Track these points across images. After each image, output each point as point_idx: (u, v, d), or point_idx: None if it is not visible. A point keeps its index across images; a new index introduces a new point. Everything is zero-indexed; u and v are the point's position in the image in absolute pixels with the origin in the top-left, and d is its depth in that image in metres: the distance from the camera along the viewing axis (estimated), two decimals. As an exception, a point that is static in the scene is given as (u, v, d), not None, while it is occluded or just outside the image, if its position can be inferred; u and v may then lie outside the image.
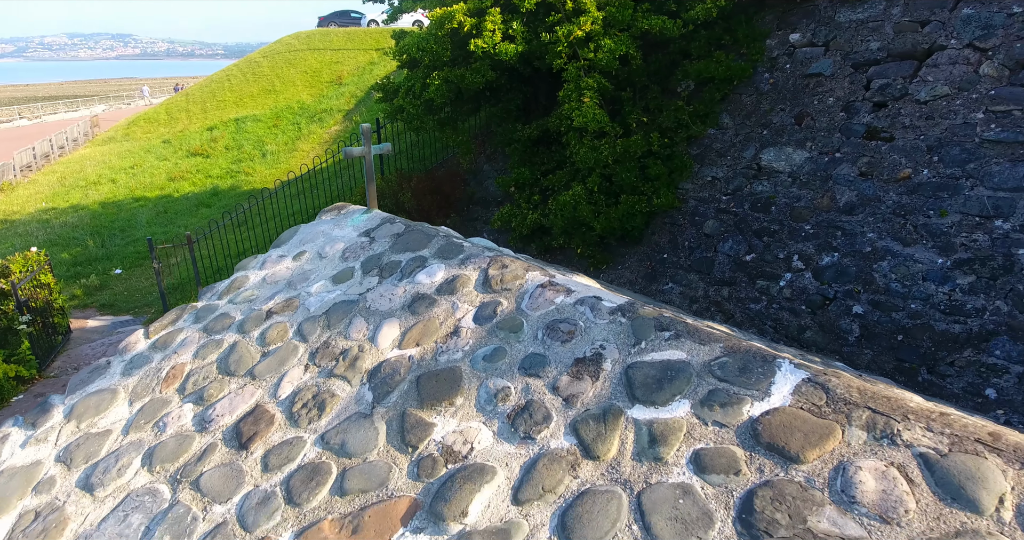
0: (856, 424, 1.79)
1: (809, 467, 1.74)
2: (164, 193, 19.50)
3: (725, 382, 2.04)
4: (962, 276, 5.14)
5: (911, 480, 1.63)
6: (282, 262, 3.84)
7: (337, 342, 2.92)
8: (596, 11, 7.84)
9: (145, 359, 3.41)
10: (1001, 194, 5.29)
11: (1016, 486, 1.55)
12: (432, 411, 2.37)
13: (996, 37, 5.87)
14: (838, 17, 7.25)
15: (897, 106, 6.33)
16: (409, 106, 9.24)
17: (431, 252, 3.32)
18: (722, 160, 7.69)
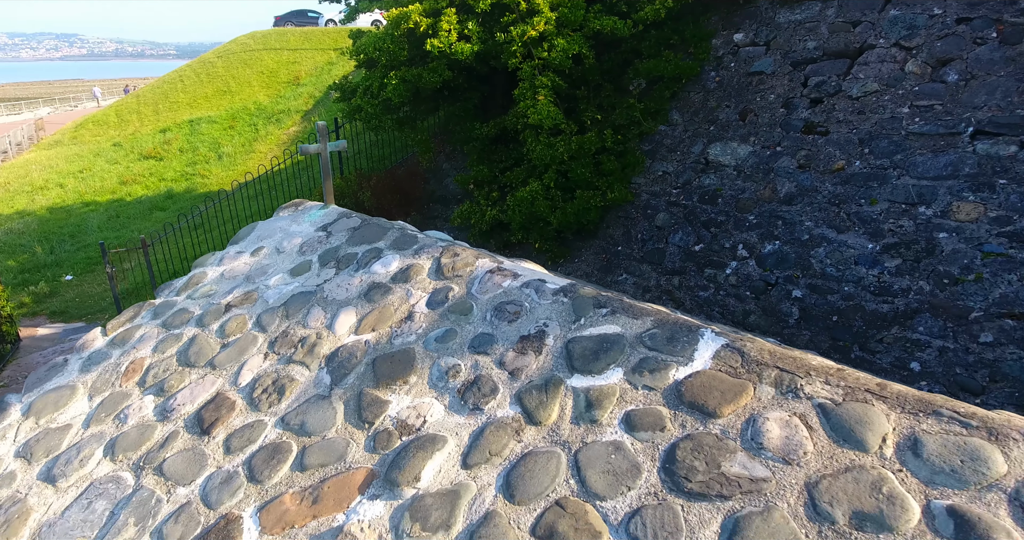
0: (766, 382, 2.00)
1: (725, 420, 1.94)
2: (116, 197, 19.01)
3: (654, 351, 2.23)
4: (889, 259, 5.50)
5: (810, 427, 1.85)
6: (240, 258, 3.92)
7: (296, 331, 3.03)
8: (549, 12, 8.05)
9: (103, 355, 3.46)
10: (924, 182, 5.68)
11: (897, 427, 1.78)
12: (387, 390, 2.51)
13: (919, 37, 6.27)
14: (778, 18, 7.61)
15: (832, 102, 6.70)
16: (367, 106, 9.30)
17: (386, 244, 3.45)
18: (672, 155, 7.98)
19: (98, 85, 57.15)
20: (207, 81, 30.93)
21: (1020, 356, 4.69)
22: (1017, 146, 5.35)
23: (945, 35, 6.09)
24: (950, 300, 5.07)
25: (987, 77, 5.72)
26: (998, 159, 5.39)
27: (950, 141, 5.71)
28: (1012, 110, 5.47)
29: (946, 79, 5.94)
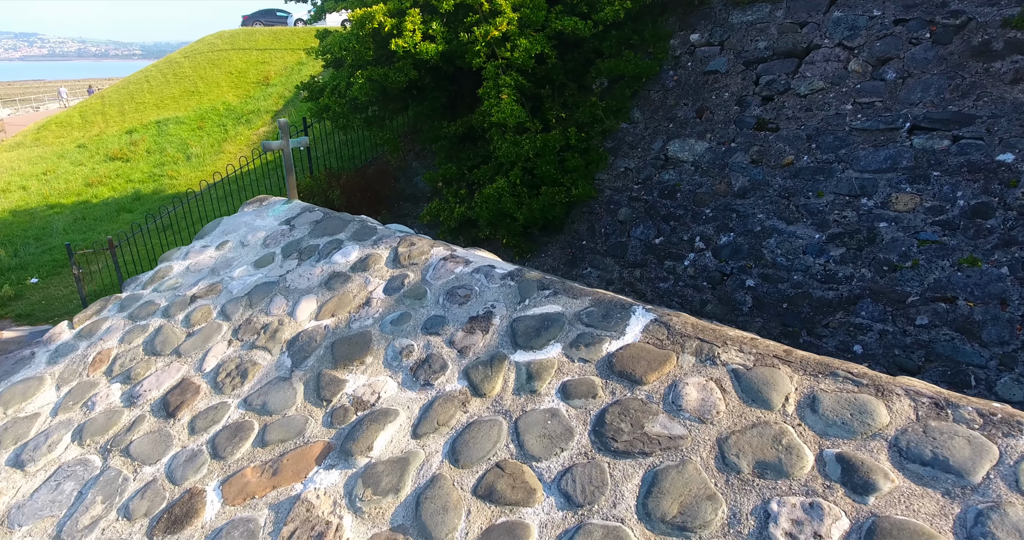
0: (688, 351, 2.20)
1: (650, 387, 2.14)
2: (81, 199, 18.70)
3: (591, 327, 2.42)
4: (834, 248, 5.80)
5: (724, 389, 2.05)
6: (205, 252, 4.02)
7: (259, 318, 3.16)
8: (511, 12, 8.23)
9: (71, 347, 3.54)
10: (866, 175, 5.99)
11: (799, 387, 1.99)
12: (345, 370, 2.66)
13: (860, 37, 6.59)
14: (731, 19, 7.89)
15: (782, 100, 6.99)
16: (335, 105, 9.39)
17: (347, 235, 3.59)
18: (634, 152, 8.23)
19: (60, 86, 55.70)
20: (174, 81, 30.46)
21: (952, 337, 5.00)
22: (950, 140, 5.68)
23: (884, 35, 6.41)
24: (889, 286, 5.38)
25: (922, 75, 6.05)
26: (932, 152, 5.71)
27: (889, 136, 6.02)
28: (944, 106, 5.81)
29: (885, 77, 6.27)
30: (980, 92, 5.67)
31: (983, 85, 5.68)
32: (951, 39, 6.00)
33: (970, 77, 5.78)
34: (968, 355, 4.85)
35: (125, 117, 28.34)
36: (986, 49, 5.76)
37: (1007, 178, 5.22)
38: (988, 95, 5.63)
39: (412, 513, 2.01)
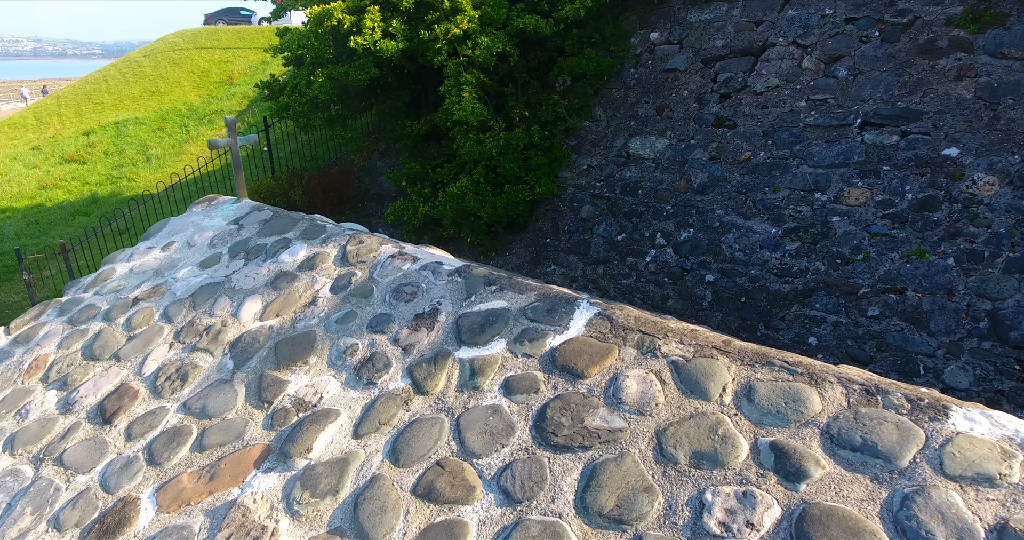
0: (630, 344, 2.20)
1: (591, 380, 2.12)
2: (35, 203, 18.09)
3: (535, 322, 2.40)
4: (790, 242, 5.90)
5: (663, 381, 2.05)
6: (150, 253, 3.90)
7: (202, 320, 3.07)
8: (472, 10, 8.18)
9: (6, 354, 3.40)
10: (820, 170, 6.10)
11: (736, 377, 2.00)
12: (288, 370, 2.60)
13: (813, 35, 6.71)
14: (689, 17, 7.97)
15: (739, 97, 7.08)
16: (295, 104, 9.22)
17: (296, 234, 3.52)
18: (596, 149, 8.26)
19: (12, 86, 53.66)
20: (134, 81, 29.66)
21: (902, 327, 5.12)
22: (898, 135, 5.82)
23: (835, 34, 6.54)
24: (842, 278, 5.48)
25: (872, 72, 6.18)
26: (882, 147, 5.84)
27: (841, 132, 6.15)
28: (893, 102, 5.94)
29: (837, 74, 6.39)
30: (926, 89, 5.82)
31: (929, 82, 5.83)
32: (899, 37, 6.15)
33: (917, 74, 5.93)
34: (917, 344, 4.98)
35: (82, 118, 27.49)
36: (932, 47, 5.92)
37: (952, 172, 5.36)
38: (934, 91, 5.78)
39: (350, 515, 1.96)
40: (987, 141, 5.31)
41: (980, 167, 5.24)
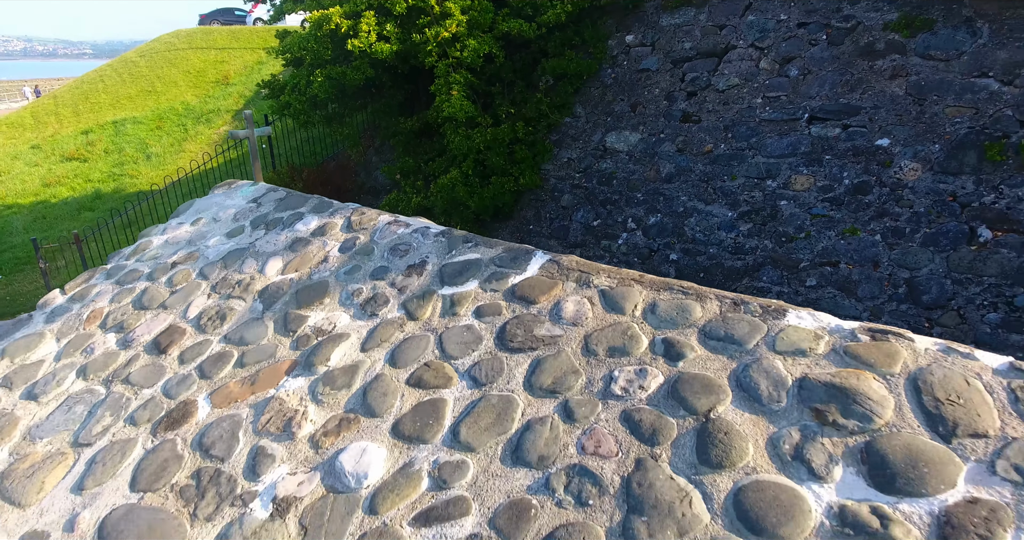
0: (571, 280, 2.90)
1: (540, 305, 2.82)
2: (39, 199, 18.66)
3: (501, 267, 3.10)
4: (743, 224, 6.61)
5: (592, 303, 2.74)
6: (181, 228, 4.57)
7: (233, 276, 3.75)
8: (460, 15, 8.87)
9: (65, 309, 4.07)
10: (772, 160, 6.81)
11: (644, 298, 2.69)
12: (307, 309, 3.29)
13: (769, 38, 7.43)
14: (661, 22, 8.68)
15: (704, 95, 7.80)
16: (295, 102, 9.88)
17: (307, 209, 4.20)
18: (576, 143, 8.96)
19: (5, 86, 53.65)
20: (130, 81, 30.06)
21: (834, 295, 5.84)
22: (840, 128, 6.54)
23: (788, 37, 7.26)
24: (786, 254, 6.20)
25: (819, 72, 6.90)
26: (826, 139, 6.56)
27: (791, 126, 6.86)
28: (836, 99, 6.66)
29: (789, 74, 7.11)
30: (865, 86, 6.54)
31: (868, 80, 6.55)
32: (843, 40, 6.86)
33: (857, 74, 6.65)
34: (847, 309, 5.68)
35: (80, 117, 27.93)
36: (871, 49, 6.64)
37: (883, 159, 6.08)
38: (871, 89, 6.49)
39: (360, 400, 2.65)
40: (914, 132, 6.04)
41: (907, 155, 5.97)
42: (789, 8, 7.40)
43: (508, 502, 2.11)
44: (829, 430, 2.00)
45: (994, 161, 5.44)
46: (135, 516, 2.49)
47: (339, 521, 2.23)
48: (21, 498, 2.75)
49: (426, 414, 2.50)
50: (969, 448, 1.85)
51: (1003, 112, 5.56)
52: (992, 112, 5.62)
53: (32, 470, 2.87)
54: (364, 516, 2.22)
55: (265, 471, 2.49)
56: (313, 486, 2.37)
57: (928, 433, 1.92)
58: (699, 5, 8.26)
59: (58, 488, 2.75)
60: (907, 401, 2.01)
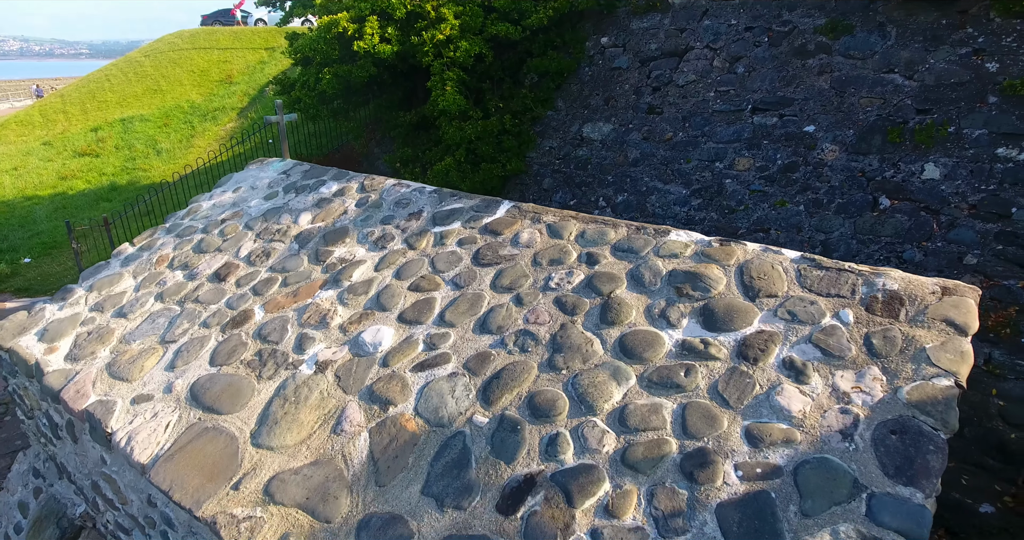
0: (527, 218, 3.98)
1: (504, 236, 3.90)
2: (57, 191, 19.68)
3: (478, 212, 4.18)
4: (695, 200, 7.69)
5: (541, 233, 3.83)
6: (224, 194, 5.64)
7: (272, 226, 4.82)
8: (453, 19, 9.94)
9: (136, 256, 5.13)
10: (720, 145, 7.90)
11: (577, 228, 3.77)
12: (333, 246, 4.36)
13: (722, 40, 8.52)
14: (631, 25, 9.76)
15: (666, 90, 8.88)
16: (305, 97, 10.93)
17: (328, 177, 5.28)
18: (556, 134, 10.04)
19: (3, 85, 54.32)
20: (136, 80, 30.95)
21: (766, 257, 6.92)
22: (777, 117, 7.62)
23: (737, 39, 8.35)
24: (728, 224, 7.28)
25: (761, 69, 7.99)
26: (765, 127, 7.65)
27: (737, 116, 7.95)
28: (775, 92, 7.75)
29: (737, 71, 8.20)
30: (798, 81, 7.63)
31: (800, 77, 7.64)
32: (781, 42, 7.95)
33: (792, 71, 7.73)
34: (775, 268, 6.77)
35: (88, 115, 28.87)
36: (803, 50, 7.72)
37: (809, 143, 7.17)
38: (803, 84, 7.58)
39: (375, 301, 3.73)
40: (834, 120, 7.13)
41: (827, 139, 7.06)
42: (739, 14, 8.49)
43: (476, 354, 3.19)
44: (684, 299, 3.09)
45: (894, 143, 6.53)
46: (216, 380, 3.57)
47: (362, 372, 3.31)
48: (127, 376, 3.82)
49: (422, 307, 3.58)
50: (764, 303, 2.94)
51: (904, 102, 6.66)
52: (896, 102, 6.71)
53: (132, 359, 3.94)
54: (379, 368, 3.29)
55: (308, 347, 3.57)
56: (343, 353, 3.45)
57: (742, 296, 3.01)
58: (664, 11, 9.35)
59: (155, 368, 3.82)
60: (734, 279, 3.10)
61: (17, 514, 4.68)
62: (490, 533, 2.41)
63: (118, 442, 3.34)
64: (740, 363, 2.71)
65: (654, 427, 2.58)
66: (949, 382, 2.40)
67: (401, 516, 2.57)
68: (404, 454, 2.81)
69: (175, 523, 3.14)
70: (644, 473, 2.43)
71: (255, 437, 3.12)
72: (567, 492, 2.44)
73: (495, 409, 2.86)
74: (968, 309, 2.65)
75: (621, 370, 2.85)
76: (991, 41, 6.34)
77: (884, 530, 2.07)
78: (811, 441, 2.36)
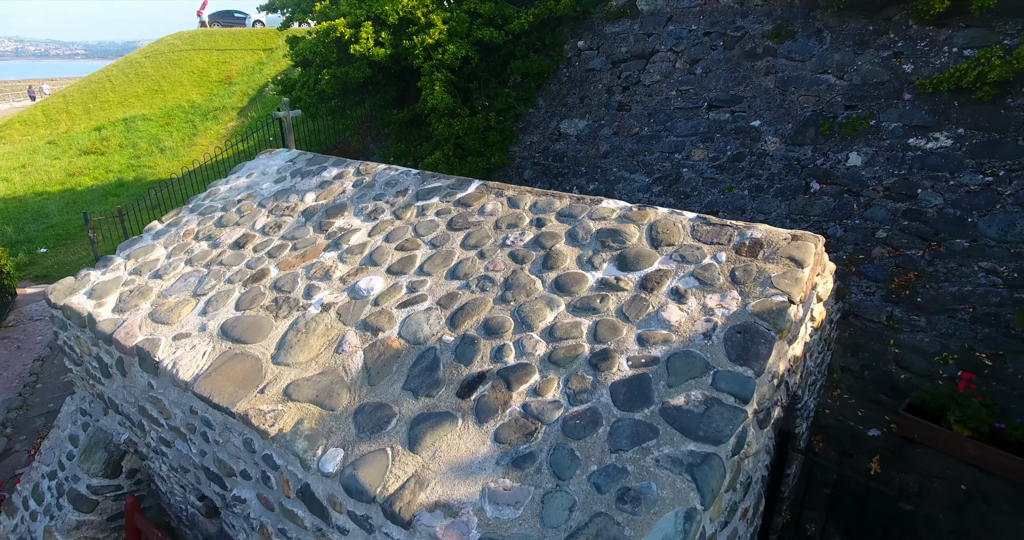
0: (492, 192, 4.89)
1: (473, 207, 4.80)
2: (66, 187, 20.52)
3: (453, 189, 5.08)
4: (656, 187, 8.60)
5: (503, 204, 4.73)
6: (239, 179, 6.54)
7: (282, 204, 5.72)
8: (442, 25, 10.84)
9: (165, 231, 6.02)
10: (679, 139, 8.81)
11: (531, 200, 4.68)
12: (333, 218, 5.26)
13: (683, 44, 9.43)
14: (605, 30, 10.67)
15: (634, 89, 9.79)
16: (305, 97, 11.81)
17: (329, 164, 6.18)
18: (536, 130, 10.94)
19: (2, 86, 54.84)
20: (136, 81, 31.67)
21: (715, 236, 7.83)
22: (729, 113, 8.54)
23: (696, 43, 9.26)
24: (683, 207, 8.19)
25: (717, 71, 8.91)
26: (718, 122, 8.57)
27: (695, 112, 8.87)
28: (727, 91, 8.67)
29: (695, 72, 9.11)
30: (747, 82, 8.54)
31: (749, 77, 8.55)
32: (734, 46, 8.87)
33: (743, 72, 8.64)
34: (722, 245, 7.68)
35: (91, 115, 29.64)
36: (753, 53, 8.64)
37: (755, 136, 8.08)
38: (752, 83, 8.49)
39: (368, 259, 4.63)
40: (776, 115, 8.05)
41: (770, 132, 7.98)
42: (698, 20, 9.41)
43: (447, 294, 4.09)
44: (606, 249, 4.00)
45: (825, 135, 7.45)
46: (241, 320, 4.47)
47: (358, 310, 4.21)
48: (168, 320, 4.72)
49: (406, 262, 4.48)
50: (664, 250, 3.86)
51: (835, 99, 7.58)
52: (828, 99, 7.64)
53: (170, 308, 4.84)
54: (371, 307, 4.20)
55: (315, 294, 4.47)
56: (343, 297, 4.35)
57: (649, 246, 3.92)
58: (633, 17, 10.27)
59: (190, 314, 4.71)
60: (645, 234, 4.02)
61: (68, 445, 5.57)
62: (451, 410, 3.32)
63: (165, 367, 4.24)
64: (641, 292, 3.63)
65: (573, 337, 3.49)
66: (783, 298, 3.31)
67: (387, 404, 3.47)
68: (390, 364, 3.71)
69: (213, 424, 4.04)
70: (564, 367, 3.34)
71: (275, 358, 4.02)
72: (508, 381, 3.35)
73: (459, 331, 3.77)
74: (807, 250, 3.57)
75: (554, 300, 3.77)
76: (908, 45, 7.26)
77: (721, 393, 2.99)
78: (682, 340, 3.27)
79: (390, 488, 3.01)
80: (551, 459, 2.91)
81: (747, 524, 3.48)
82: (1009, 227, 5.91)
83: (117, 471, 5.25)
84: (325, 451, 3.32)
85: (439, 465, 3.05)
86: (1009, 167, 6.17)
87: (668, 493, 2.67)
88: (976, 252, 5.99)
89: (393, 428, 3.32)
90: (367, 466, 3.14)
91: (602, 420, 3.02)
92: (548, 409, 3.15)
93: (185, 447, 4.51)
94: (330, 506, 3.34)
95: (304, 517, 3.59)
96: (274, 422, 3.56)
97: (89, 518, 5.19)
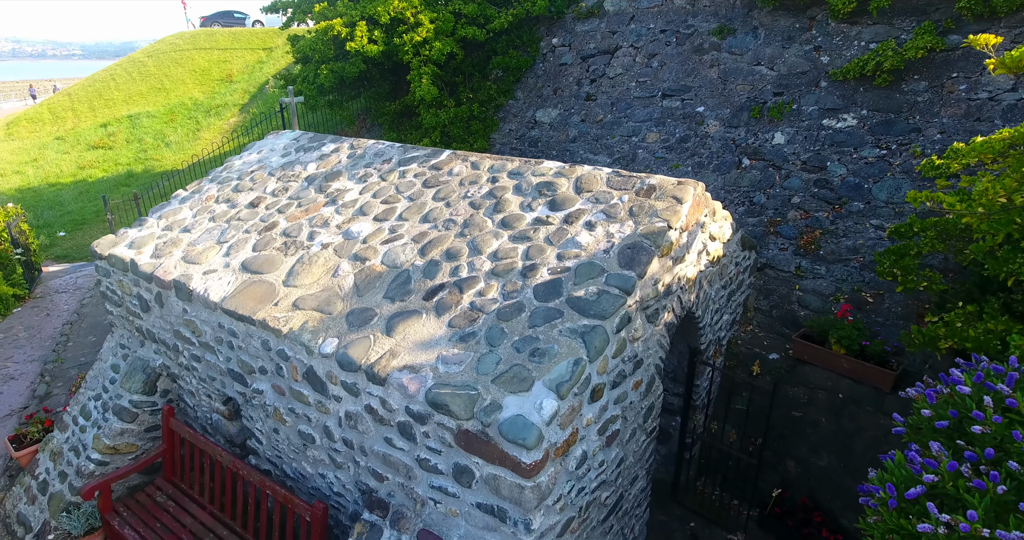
0: (459, 159, 6.05)
1: (444, 170, 5.97)
2: (78, 179, 21.64)
3: (431, 157, 6.25)
4: (615, 166, 9.76)
5: (467, 167, 5.90)
6: (251, 155, 7.69)
7: (288, 172, 6.88)
8: (429, 24, 11.99)
9: (189, 197, 7.18)
10: (637, 124, 9.98)
11: (489, 163, 5.84)
12: (331, 182, 6.42)
13: (643, 41, 10.59)
14: (576, 28, 11.84)
15: (600, 81, 10.95)
16: (305, 90, 12.96)
17: (328, 141, 7.34)
18: (515, 119, 12.10)
19: (1, 86, 56.06)
20: (140, 79, 32.70)
21: (663, 207, 8.99)
22: (679, 101, 9.70)
23: (653, 40, 10.43)
24: (637, 183, 9.34)
25: (671, 64, 10.07)
26: (670, 109, 9.73)
27: (651, 101, 10.03)
28: (678, 82, 9.83)
29: (652, 66, 10.27)
30: (695, 74, 9.70)
31: (697, 70, 9.71)
32: (685, 42, 10.03)
33: (692, 65, 9.80)
34: (668, 214, 8.84)
35: (96, 113, 30.71)
36: (701, 48, 9.80)
37: (699, 120, 9.24)
38: (699, 75, 9.65)
39: (359, 211, 5.79)
40: (717, 102, 9.21)
41: (711, 117, 9.15)
42: (656, 19, 10.57)
43: (419, 232, 5.25)
44: (542, 197, 5.17)
45: (756, 118, 8.62)
46: (258, 258, 5.62)
47: (350, 247, 5.37)
48: (197, 261, 5.87)
49: (388, 212, 5.65)
50: (584, 195, 5.02)
51: (766, 87, 8.75)
52: (760, 87, 8.80)
53: (199, 253, 5.99)
54: (361, 244, 5.35)
55: (316, 237, 5.63)
56: (338, 238, 5.51)
57: (574, 192, 5.09)
58: (601, 17, 11.43)
59: (215, 256, 5.87)
60: (572, 184, 5.18)
61: (111, 372, 6.72)
62: (418, 308, 4.48)
63: (198, 293, 5.40)
64: (564, 225, 4.79)
65: (511, 257, 4.65)
66: (663, 224, 4.48)
67: (371, 308, 4.63)
68: (374, 282, 4.87)
69: (237, 333, 5.19)
70: (502, 277, 4.50)
71: (285, 282, 5.18)
72: (460, 288, 4.51)
73: (427, 257, 4.94)
74: (687, 191, 4.73)
75: (500, 233, 4.93)
76: (826, 40, 8.43)
77: (610, 287, 4.15)
78: (588, 256, 4.44)
79: (371, 359, 4.17)
80: (487, 334, 4.08)
81: (640, 395, 4.64)
82: (895, 191, 7.08)
83: (153, 390, 6.40)
84: (324, 340, 4.48)
85: (408, 343, 4.21)
86: (900, 142, 7.34)
87: (565, 350, 3.83)
88: (869, 212, 7.16)
89: (375, 323, 4.48)
90: (355, 346, 4.30)
91: (525, 308, 4.18)
92: (488, 304, 4.31)
93: (213, 358, 5.66)
94: (328, 380, 4.50)
95: (308, 395, 4.75)
96: (286, 324, 4.71)
97: (130, 427, 6.34)
